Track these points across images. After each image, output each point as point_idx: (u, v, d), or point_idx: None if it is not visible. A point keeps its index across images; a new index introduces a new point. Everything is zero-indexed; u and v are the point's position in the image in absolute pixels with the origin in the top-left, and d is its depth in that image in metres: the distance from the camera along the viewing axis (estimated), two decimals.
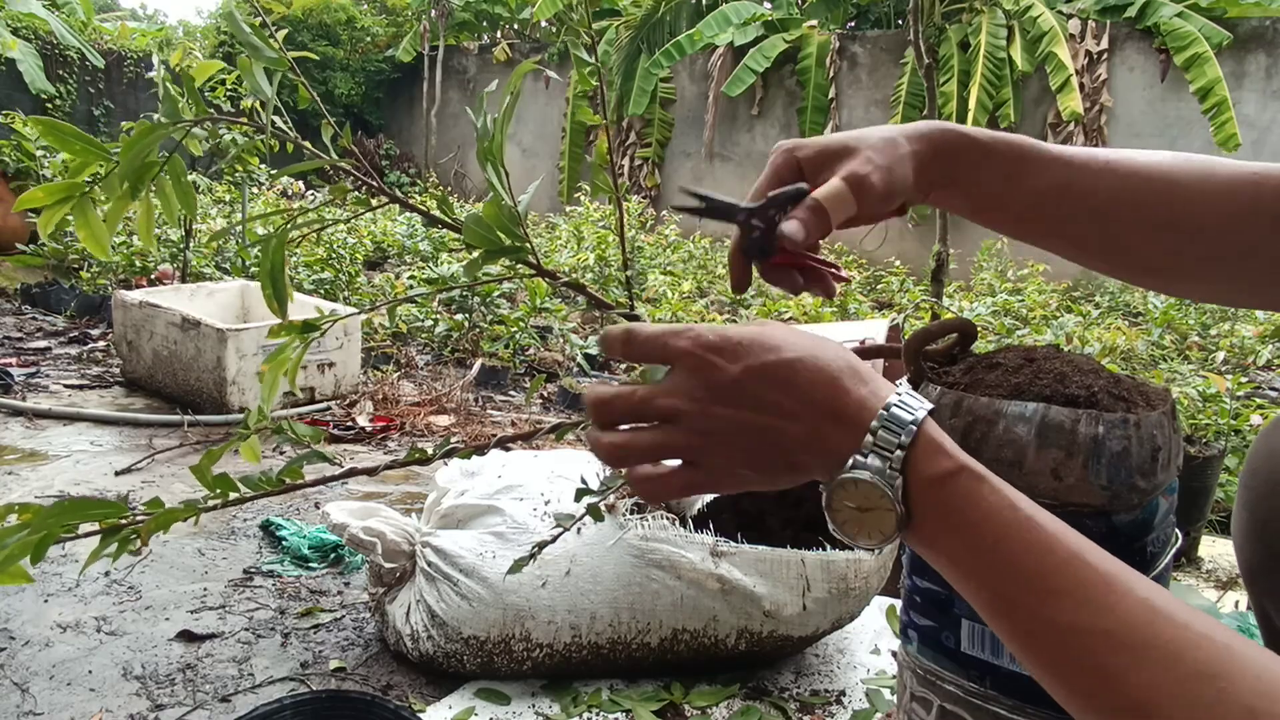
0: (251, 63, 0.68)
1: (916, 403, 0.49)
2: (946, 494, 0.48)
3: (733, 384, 0.49)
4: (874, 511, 0.49)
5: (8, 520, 0.60)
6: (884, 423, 0.48)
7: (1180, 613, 0.43)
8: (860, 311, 5.03)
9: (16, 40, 8.18)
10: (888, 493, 0.48)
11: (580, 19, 0.62)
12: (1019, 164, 0.67)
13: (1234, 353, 4.45)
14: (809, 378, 0.50)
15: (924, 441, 0.48)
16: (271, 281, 0.72)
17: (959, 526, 0.48)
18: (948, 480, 0.48)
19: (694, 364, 0.50)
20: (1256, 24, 7.21)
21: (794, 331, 0.52)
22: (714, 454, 0.51)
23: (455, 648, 1.58)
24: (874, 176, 0.62)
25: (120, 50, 9.90)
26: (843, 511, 0.51)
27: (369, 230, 6.80)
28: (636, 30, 9.67)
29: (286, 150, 0.78)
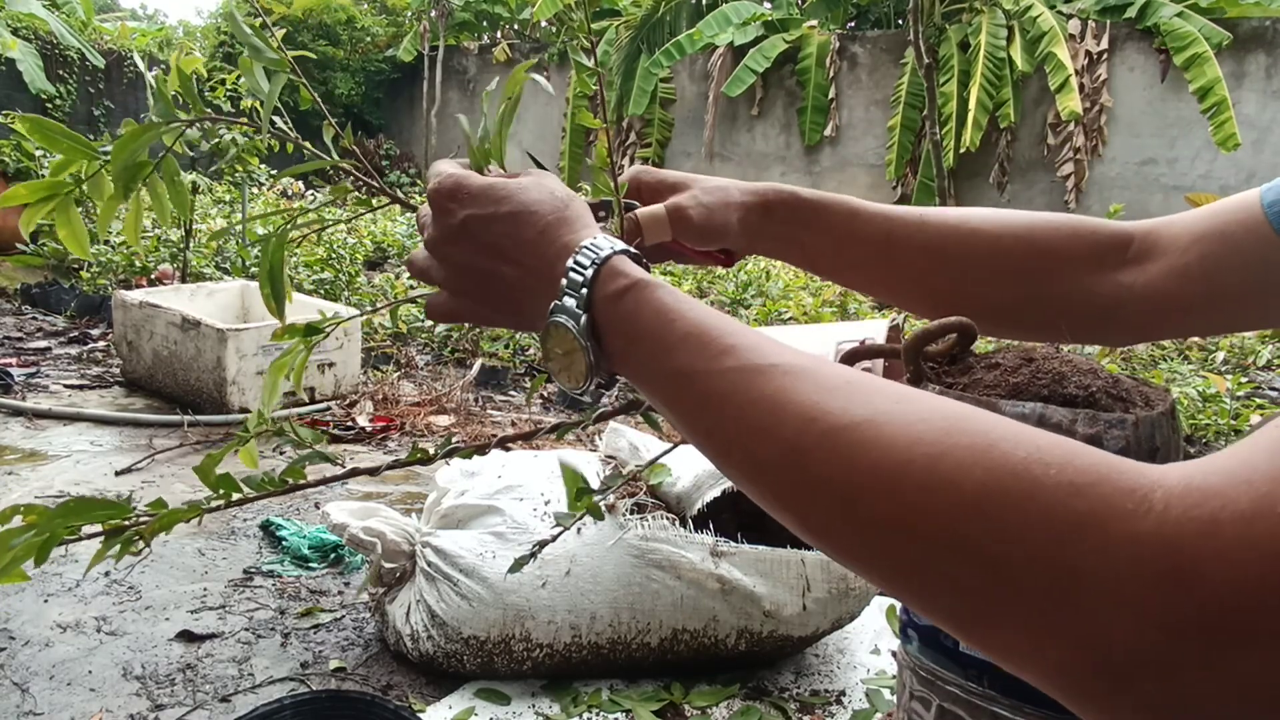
0: (252, 63, 0.68)
1: (608, 243, 0.51)
2: (622, 308, 0.49)
3: (458, 227, 0.55)
4: (574, 353, 0.51)
5: (13, 522, 0.60)
6: (573, 265, 0.51)
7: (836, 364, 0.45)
8: (860, 311, 5.03)
9: (16, 40, 8.18)
10: (573, 328, 0.50)
11: (580, 23, 0.61)
12: (846, 222, 0.73)
13: (1234, 353, 4.45)
14: (519, 228, 0.54)
15: (605, 272, 0.50)
16: (270, 282, 0.72)
17: (635, 333, 0.49)
18: (622, 295, 0.49)
19: (434, 207, 0.57)
20: (1256, 24, 7.21)
21: (533, 183, 0.56)
22: (456, 288, 0.58)
23: (455, 648, 1.58)
24: (693, 212, 0.68)
25: (120, 50, 9.91)
26: (554, 359, 0.53)
27: (369, 230, 6.80)
28: (636, 30, 9.67)
29: (287, 150, 0.78)
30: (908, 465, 0.36)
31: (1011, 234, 0.73)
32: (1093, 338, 0.79)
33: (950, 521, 0.35)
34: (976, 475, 0.35)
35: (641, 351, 0.49)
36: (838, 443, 0.38)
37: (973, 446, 0.35)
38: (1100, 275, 0.72)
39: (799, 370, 0.42)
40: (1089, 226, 0.73)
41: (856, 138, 8.91)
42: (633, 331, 0.49)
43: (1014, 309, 0.76)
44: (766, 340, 0.46)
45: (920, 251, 0.73)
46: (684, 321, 0.47)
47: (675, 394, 0.48)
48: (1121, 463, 0.34)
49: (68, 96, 9.19)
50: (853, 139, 8.93)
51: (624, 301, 0.49)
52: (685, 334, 0.47)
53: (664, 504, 1.78)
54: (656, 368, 0.48)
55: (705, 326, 0.47)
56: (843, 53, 8.92)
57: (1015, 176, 8.11)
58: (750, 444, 0.43)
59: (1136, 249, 0.72)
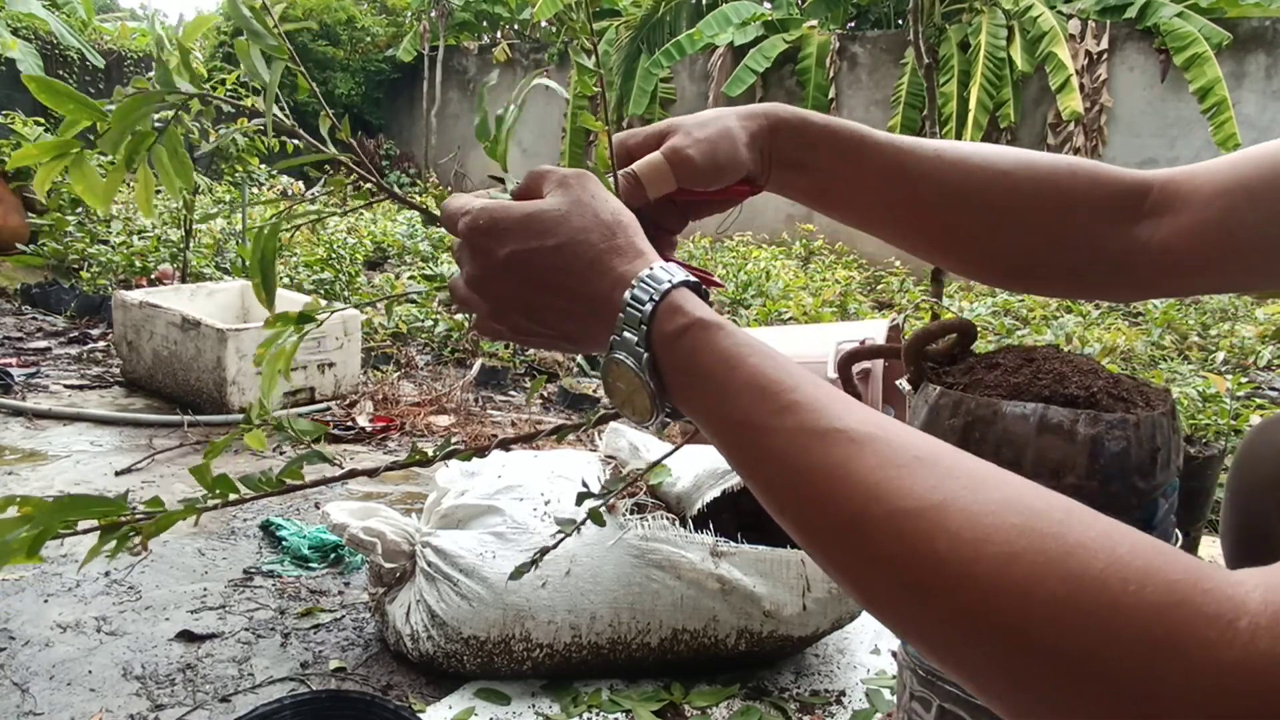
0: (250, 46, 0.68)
1: (666, 274, 0.50)
2: (683, 347, 0.48)
3: (501, 265, 0.53)
4: (636, 390, 0.50)
5: (8, 512, 0.60)
6: (631, 300, 0.50)
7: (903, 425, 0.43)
8: (860, 312, 5.03)
9: (16, 40, 8.18)
10: (635, 368, 0.49)
11: (581, 24, 0.61)
12: (855, 146, 0.68)
13: (1234, 353, 4.46)
14: (569, 260, 0.52)
15: (664, 308, 0.49)
16: (261, 271, 0.72)
17: (697, 375, 0.48)
18: (683, 334, 0.48)
19: (471, 246, 0.55)
20: (1256, 24, 7.21)
21: (574, 207, 0.54)
22: (506, 318, 0.56)
23: (455, 648, 1.58)
24: (692, 150, 0.64)
25: (120, 50, 9.90)
26: (616, 393, 0.52)
27: (369, 230, 6.80)
28: (636, 30, 9.67)
29: (286, 150, 0.78)
30: (975, 564, 0.34)
31: (1031, 178, 0.68)
32: (1102, 294, 0.75)
33: (1021, 627, 0.32)
34: (1050, 585, 0.32)
35: (702, 394, 0.48)
36: (902, 527, 0.36)
37: (1046, 552, 0.33)
38: (1115, 227, 0.68)
39: (864, 439, 0.40)
40: (1107, 174, 0.69)
41: None
42: (693, 373, 0.48)
43: (1028, 260, 0.72)
44: (830, 398, 0.44)
45: (935, 187, 0.68)
46: (745, 370, 0.46)
47: (734, 443, 0.46)
48: (1203, 578, 0.31)
49: None
50: None
51: (683, 341, 0.48)
52: (745, 383, 0.45)
53: (664, 504, 1.77)
54: (716, 413, 0.47)
55: (767, 378, 0.45)
56: (843, 53, 8.92)
57: None
58: (807, 511, 0.41)
59: (1154, 201, 0.68)
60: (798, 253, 7.46)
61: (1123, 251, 0.68)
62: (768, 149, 0.68)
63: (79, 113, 0.68)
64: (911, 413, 0.91)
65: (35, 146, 0.69)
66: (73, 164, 0.71)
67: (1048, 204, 0.68)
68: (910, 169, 0.68)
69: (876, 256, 8.17)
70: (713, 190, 0.68)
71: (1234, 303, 5.24)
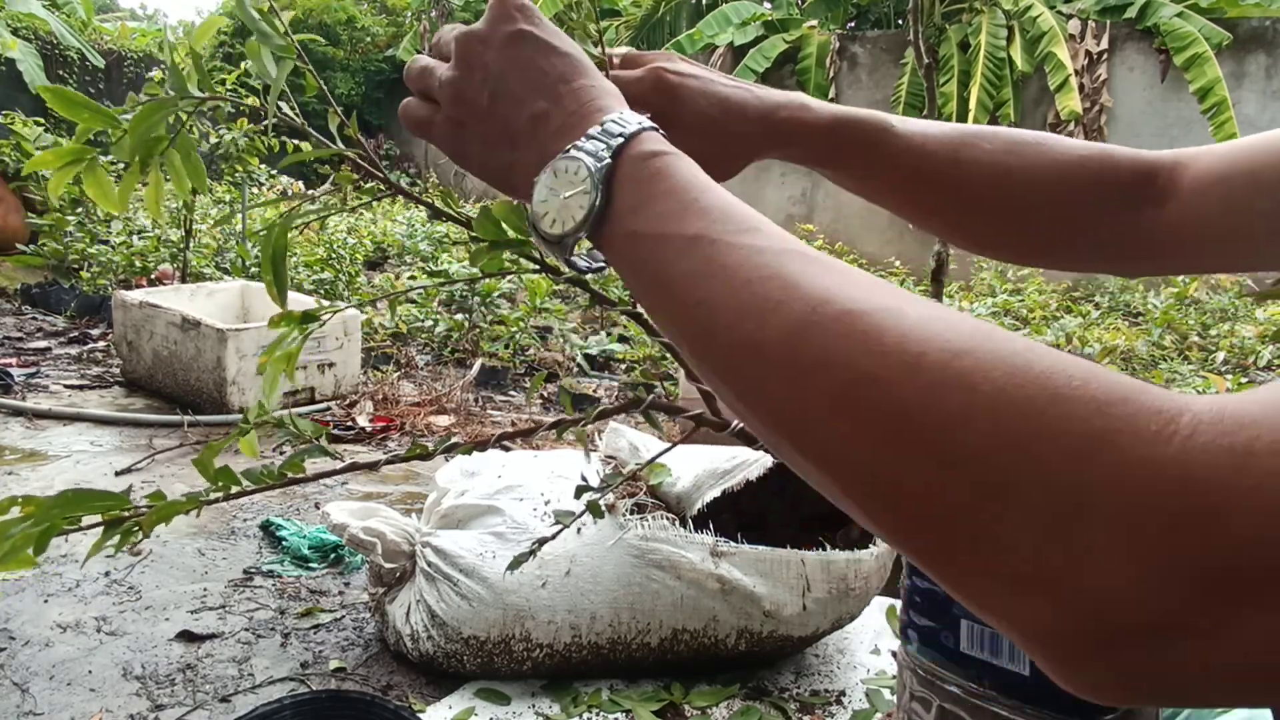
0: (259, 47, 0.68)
1: (650, 120, 0.49)
2: (651, 166, 0.46)
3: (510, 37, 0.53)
4: (574, 195, 0.48)
5: (11, 512, 0.60)
6: (616, 118, 0.48)
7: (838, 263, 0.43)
8: None
9: (16, 40, 8.19)
10: (590, 169, 0.47)
11: (581, 25, 0.62)
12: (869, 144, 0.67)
13: (1234, 353, 4.45)
14: (573, 70, 0.52)
15: (646, 135, 0.48)
16: (273, 268, 0.72)
17: (655, 192, 0.46)
18: (656, 155, 0.47)
19: (494, 9, 0.54)
20: (1256, 24, 7.21)
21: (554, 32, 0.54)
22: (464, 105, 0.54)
23: (455, 648, 1.58)
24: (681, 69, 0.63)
25: (120, 50, 9.90)
26: (548, 201, 0.50)
27: (369, 230, 6.80)
28: (636, 30, 9.67)
29: (286, 150, 0.78)
30: (922, 357, 0.33)
31: (1046, 182, 0.70)
32: (1109, 270, 0.79)
33: (956, 423, 0.31)
34: (995, 377, 0.31)
35: (655, 211, 0.45)
36: (852, 325, 0.35)
37: (995, 350, 0.32)
38: (1124, 213, 0.70)
39: (826, 261, 0.40)
40: (1114, 162, 0.70)
41: None
42: (654, 190, 0.46)
43: (1043, 247, 0.75)
44: (798, 240, 0.43)
45: (951, 195, 0.70)
46: (714, 194, 0.45)
47: (675, 258, 0.43)
48: (1152, 387, 0.30)
49: None
50: None
51: (655, 161, 0.47)
52: (711, 205, 0.44)
53: (664, 504, 1.77)
54: (665, 230, 0.44)
55: (736, 205, 0.44)
56: (843, 53, 8.92)
57: None
58: (749, 320, 0.39)
59: (1161, 186, 0.69)
60: None
61: (1131, 235, 0.70)
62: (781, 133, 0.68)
63: (93, 120, 0.68)
64: None
65: (51, 153, 0.70)
66: (86, 170, 0.71)
67: (1059, 198, 0.70)
68: (924, 176, 0.69)
69: (876, 256, 8.16)
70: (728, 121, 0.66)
71: (1234, 303, 5.24)
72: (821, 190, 9.06)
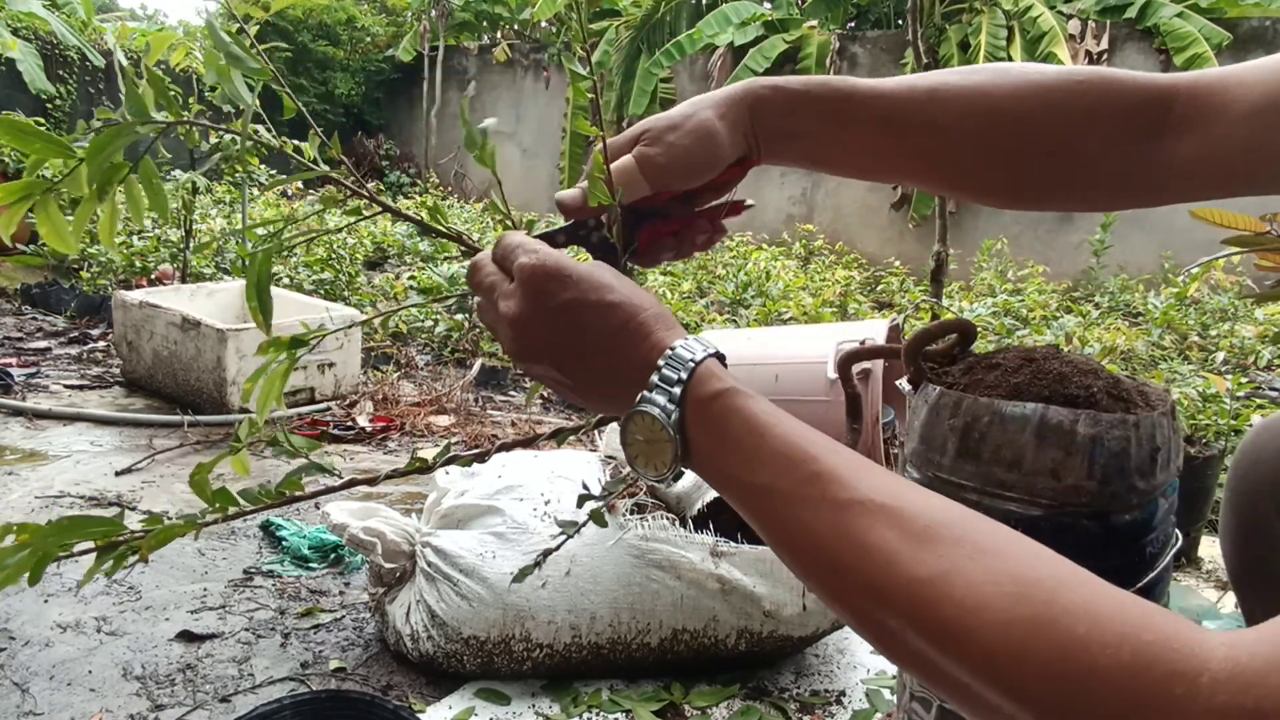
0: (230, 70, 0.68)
1: (700, 346, 0.54)
2: (713, 411, 0.52)
3: (557, 310, 0.56)
4: (657, 443, 0.54)
5: (6, 540, 0.60)
6: (668, 361, 0.53)
7: (922, 490, 0.47)
8: (860, 312, 5.03)
9: (16, 40, 8.18)
10: (664, 421, 0.53)
11: (575, 32, 0.62)
12: (838, 105, 0.67)
13: (1234, 353, 4.45)
14: (622, 320, 0.56)
15: (700, 373, 0.53)
16: (257, 294, 0.72)
17: (724, 437, 0.51)
18: (715, 399, 0.52)
19: (529, 286, 0.57)
20: (1256, 24, 7.21)
21: (620, 278, 0.58)
22: (538, 359, 0.59)
23: (455, 648, 1.58)
24: (661, 156, 0.65)
25: (117, 48, 9.89)
26: (634, 445, 0.55)
27: (368, 231, 6.80)
28: (636, 30, 9.67)
29: (287, 150, 0.78)
30: (978, 631, 0.39)
31: (1037, 107, 0.65)
32: (1115, 206, 0.74)
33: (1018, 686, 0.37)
34: (1040, 650, 0.37)
35: (728, 457, 0.51)
36: (915, 595, 0.41)
37: (1036, 619, 0.38)
38: (1134, 144, 0.65)
39: (880, 510, 0.44)
40: (1118, 88, 0.64)
41: None
42: (722, 436, 0.52)
43: (1041, 185, 0.70)
44: (850, 466, 0.47)
45: (930, 133, 0.66)
46: (773, 438, 0.49)
47: (757, 506, 0.50)
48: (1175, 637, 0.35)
49: (68, 96, 9.18)
50: None
51: (716, 404, 0.52)
52: (775, 451, 0.49)
53: (664, 504, 1.77)
54: (741, 477, 0.51)
55: (794, 447, 0.49)
56: (843, 53, 8.92)
57: None
58: (831, 577, 0.45)
59: (1180, 115, 0.64)
60: (798, 253, 7.46)
61: (1141, 166, 0.65)
62: (750, 129, 0.67)
63: (45, 151, 0.67)
64: (911, 412, 0.91)
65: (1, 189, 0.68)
66: (38, 206, 0.70)
67: (1058, 131, 0.65)
68: (899, 119, 0.66)
69: (876, 256, 8.16)
70: (703, 188, 0.68)
71: (1234, 303, 5.24)
72: (821, 190, 9.06)
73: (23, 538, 0.60)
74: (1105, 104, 0.65)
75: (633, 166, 0.65)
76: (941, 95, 0.66)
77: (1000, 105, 0.65)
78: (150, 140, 0.68)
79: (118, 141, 0.65)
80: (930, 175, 0.71)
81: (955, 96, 0.66)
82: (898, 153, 0.68)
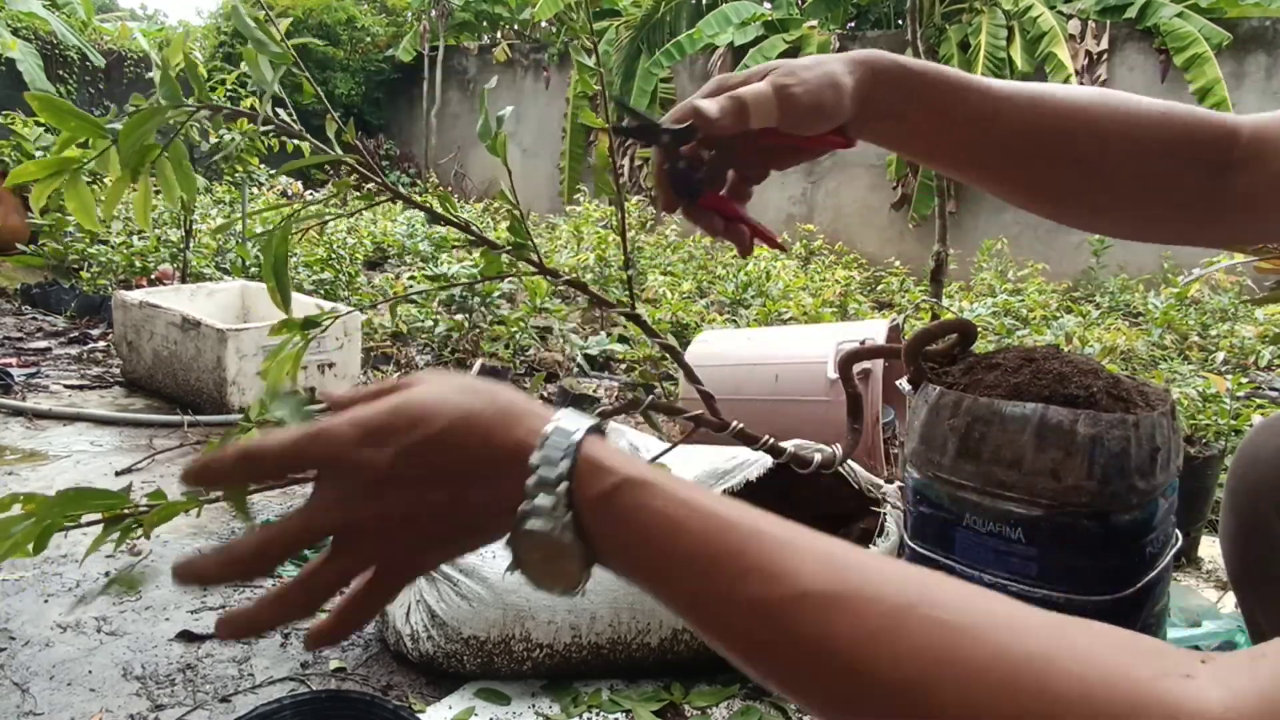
0: (256, 55, 0.68)
1: (572, 424, 0.46)
2: (613, 511, 0.44)
3: (388, 473, 0.45)
4: (558, 559, 0.45)
5: (12, 510, 0.61)
6: (541, 459, 0.45)
7: (862, 557, 0.42)
8: (860, 312, 5.03)
9: (16, 40, 8.18)
10: (551, 532, 0.44)
11: (581, 24, 0.62)
12: (952, 96, 0.68)
13: (1234, 353, 4.45)
14: (463, 440, 0.46)
15: (583, 466, 0.45)
16: (275, 275, 0.72)
17: (634, 539, 0.44)
18: (611, 496, 0.44)
19: (341, 467, 0.45)
20: (1256, 24, 7.22)
21: (434, 388, 0.48)
22: (393, 550, 0.47)
23: (455, 648, 1.58)
24: (797, 89, 0.63)
25: (120, 50, 9.90)
26: (532, 565, 0.46)
27: (368, 231, 6.80)
28: (636, 30, 9.67)
29: (286, 150, 0.78)
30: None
31: (1126, 132, 0.68)
32: (1177, 238, 0.76)
33: None
34: None
35: (642, 561, 0.44)
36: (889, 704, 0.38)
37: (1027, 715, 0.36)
38: (1202, 176, 0.68)
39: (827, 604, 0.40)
40: (1197, 122, 0.69)
41: None
42: (629, 539, 0.44)
43: (1109, 205, 0.72)
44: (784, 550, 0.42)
45: (1026, 138, 0.68)
46: (689, 536, 0.43)
47: (688, 613, 0.44)
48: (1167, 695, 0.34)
49: (68, 96, 9.19)
50: None
51: (614, 504, 0.44)
52: (692, 553, 0.42)
53: None
54: (662, 582, 0.44)
55: (714, 544, 0.42)
56: (843, 53, 8.92)
57: None
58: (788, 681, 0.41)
59: (1242, 151, 0.67)
60: (798, 253, 7.46)
61: (1207, 199, 0.68)
62: (869, 99, 0.67)
63: (80, 129, 0.68)
64: (911, 412, 0.91)
65: (34, 164, 0.69)
66: (68, 183, 0.71)
67: (1139, 156, 0.68)
68: (1003, 119, 0.68)
69: (877, 256, 8.17)
70: (809, 137, 0.67)
71: (1234, 303, 5.24)
72: (821, 190, 9.06)
73: (29, 507, 0.60)
74: (1185, 137, 0.68)
75: (770, 94, 0.63)
76: (1043, 105, 0.68)
77: (1094, 122, 0.68)
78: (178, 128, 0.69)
79: (152, 121, 0.66)
80: (1010, 180, 0.73)
81: (1055, 107, 0.68)
82: (991, 151, 0.70)
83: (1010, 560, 0.82)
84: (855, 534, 1.77)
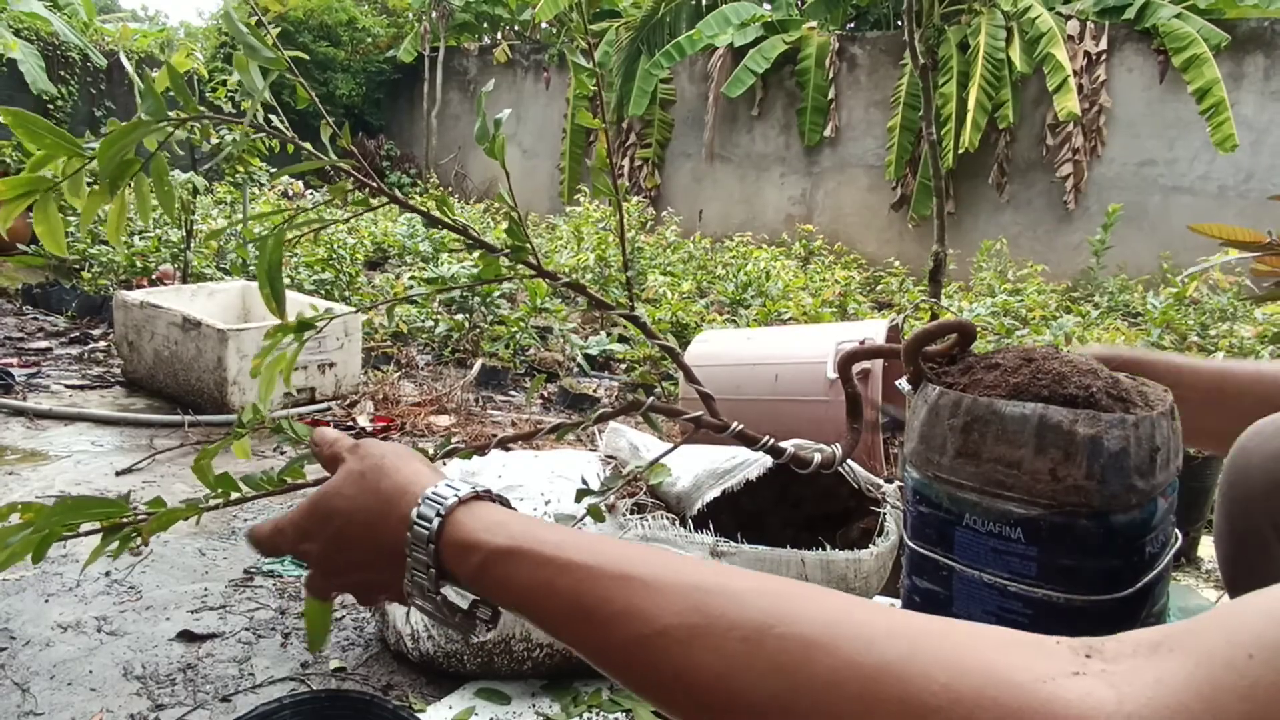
0: (248, 61, 0.68)
1: (436, 503, 0.53)
2: (486, 586, 0.51)
3: (320, 556, 0.62)
4: (448, 623, 0.56)
5: (10, 519, 0.61)
6: (410, 547, 0.53)
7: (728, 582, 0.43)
8: (860, 312, 5.03)
9: (18, 41, 8.18)
10: (435, 608, 0.54)
11: (578, 25, 0.62)
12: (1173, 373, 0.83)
13: (1233, 353, 4.45)
14: (357, 535, 0.58)
15: (447, 550, 0.52)
16: (269, 280, 0.72)
17: (513, 606, 0.50)
18: (480, 572, 0.51)
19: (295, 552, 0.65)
20: (1255, 25, 7.22)
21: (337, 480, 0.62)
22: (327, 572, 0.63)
23: (455, 648, 1.58)
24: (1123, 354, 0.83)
25: (121, 51, 9.89)
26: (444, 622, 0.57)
27: (369, 231, 6.80)
28: (636, 31, 9.67)
29: (288, 150, 0.78)
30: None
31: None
32: None
33: None
34: None
35: (529, 620, 0.50)
36: None
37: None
38: None
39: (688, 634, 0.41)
40: None
41: (856, 138, 8.92)
42: (510, 605, 0.51)
43: None
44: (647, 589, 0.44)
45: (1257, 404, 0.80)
46: (559, 598, 0.47)
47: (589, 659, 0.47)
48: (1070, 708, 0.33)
49: (69, 97, 9.19)
50: (852, 140, 8.94)
51: (485, 580, 0.51)
52: (568, 611, 0.46)
53: (664, 504, 1.78)
54: (554, 635, 0.49)
55: (584, 598, 0.45)
56: (842, 54, 8.92)
57: (1014, 177, 8.12)
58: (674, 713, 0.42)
59: None
60: (798, 253, 7.46)
61: None
62: None
63: (54, 148, 0.67)
64: (911, 412, 0.92)
65: (4, 182, 0.68)
66: (38, 204, 0.70)
67: None
68: (1229, 388, 0.82)
69: (876, 256, 8.17)
70: None
71: (1233, 303, 5.24)
72: (821, 190, 9.07)
73: (27, 516, 0.60)
74: None
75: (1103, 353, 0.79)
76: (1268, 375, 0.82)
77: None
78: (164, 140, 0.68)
79: (130, 137, 0.65)
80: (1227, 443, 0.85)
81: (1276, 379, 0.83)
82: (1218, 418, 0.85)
83: (1009, 560, 0.82)
84: (855, 534, 1.77)
